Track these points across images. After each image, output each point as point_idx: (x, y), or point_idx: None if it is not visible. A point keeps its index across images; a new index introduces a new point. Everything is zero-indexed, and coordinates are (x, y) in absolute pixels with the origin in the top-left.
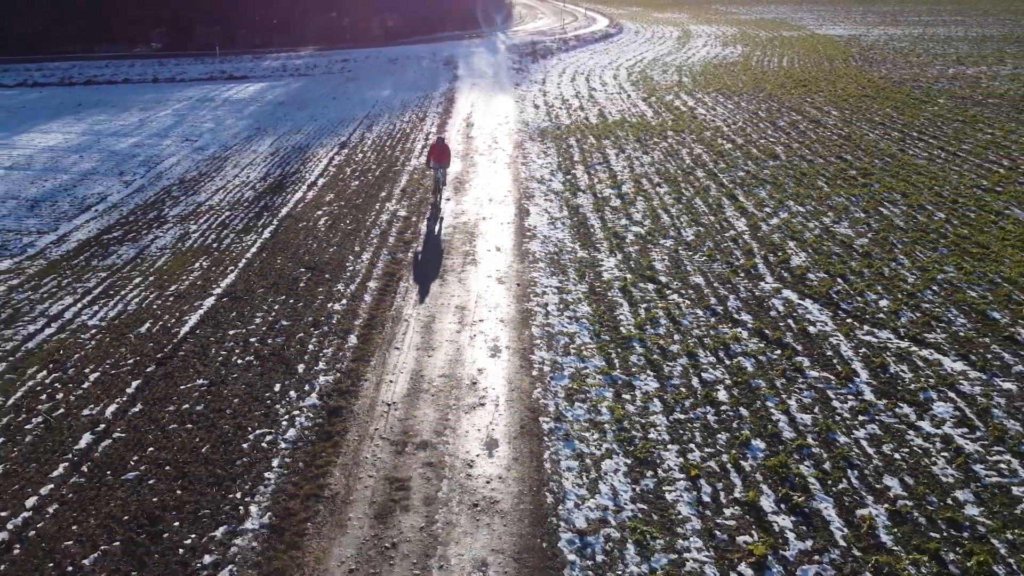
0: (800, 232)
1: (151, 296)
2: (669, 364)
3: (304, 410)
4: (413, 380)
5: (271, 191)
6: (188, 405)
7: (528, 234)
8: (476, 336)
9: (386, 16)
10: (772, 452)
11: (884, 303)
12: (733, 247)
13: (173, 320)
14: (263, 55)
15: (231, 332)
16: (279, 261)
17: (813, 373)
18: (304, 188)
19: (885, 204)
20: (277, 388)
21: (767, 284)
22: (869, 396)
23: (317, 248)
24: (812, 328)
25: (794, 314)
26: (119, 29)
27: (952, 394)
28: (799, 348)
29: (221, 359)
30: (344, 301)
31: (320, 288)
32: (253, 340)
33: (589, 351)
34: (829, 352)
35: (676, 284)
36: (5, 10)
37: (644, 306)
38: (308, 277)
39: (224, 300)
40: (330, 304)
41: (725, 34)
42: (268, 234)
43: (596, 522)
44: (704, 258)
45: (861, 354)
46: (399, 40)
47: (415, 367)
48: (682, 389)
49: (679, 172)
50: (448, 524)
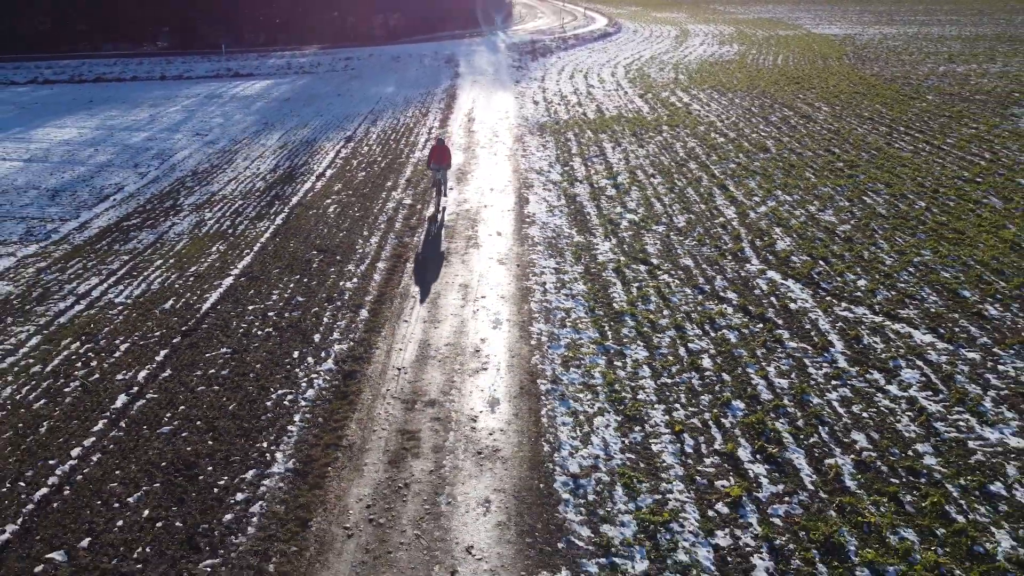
0: (786, 219)
1: (172, 276)
2: (658, 336)
3: (321, 374)
4: (421, 348)
5: (281, 181)
6: (214, 370)
7: (527, 220)
8: (479, 311)
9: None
10: (750, 411)
11: (862, 283)
12: (722, 233)
13: (195, 297)
14: (268, 53)
15: (250, 307)
16: (292, 245)
17: (792, 344)
18: (313, 179)
19: (869, 193)
20: (295, 355)
21: (752, 266)
22: (843, 364)
23: (328, 233)
24: (793, 305)
25: (777, 292)
26: (122, 29)
27: (920, 362)
28: (780, 322)
29: (242, 331)
30: (355, 280)
31: (332, 268)
32: (271, 314)
33: (584, 324)
34: (808, 326)
35: (667, 266)
36: (7, 10)
37: (636, 285)
38: (320, 259)
39: (242, 280)
40: (342, 282)
41: (722, 33)
42: (280, 220)
43: (588, 468)
44: (694, 243)
45: (837, 327)
46: (401, 39)
47: (423, 337)
48: (669, 357)
49: (673, 164)
50: (455, 468)
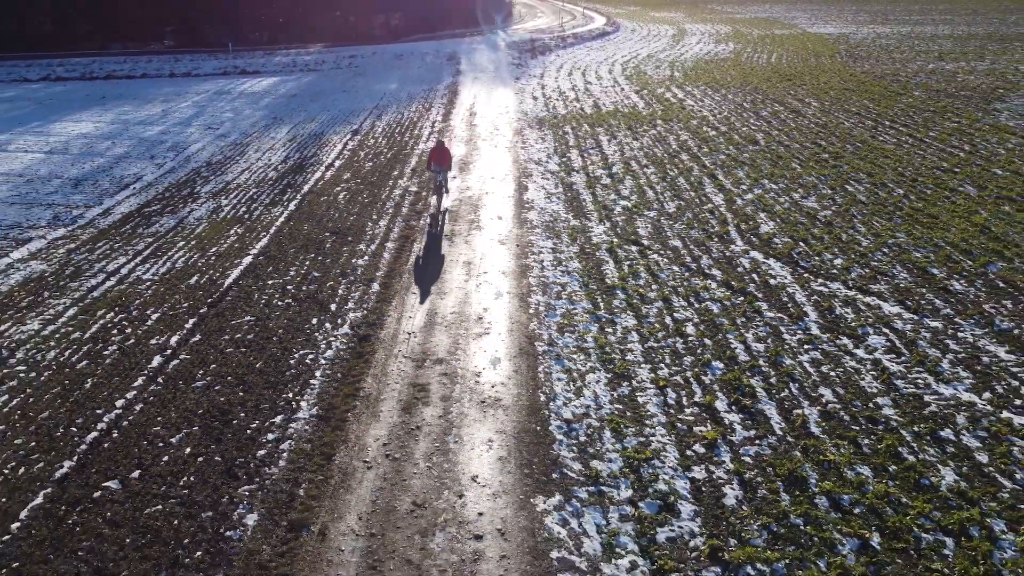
0: (771, 205)
1: (195, 256)
2: (646, 307)
3: (338, 337)
4: (429, 316)
5: (292, 171)
6: (240, 335)
7: (527, 206)
8: (481, 284)
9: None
10: (728, 370)
11: (838, 261)
12: (710, 217)
13: (217, 274)
14: (274, 51)
15: (270, 282)
16: (306, 228)
17: (769, 314)
18: (322, 169)
19: (851, 182)
20: (314, 321)
21: (737, 247)
22: (815, 331)
23: (339, 217)
24: (773, 280)
25: (758, 270)
26: (122, 28)
27: (886, 330)
28: (759, 295)
29: (264, 302)
30: (366, 258)
31: (344, 248)
32: (290, 287)
33: (578, 296)
34: (785, 299)
35: (657, 247)
36: (9, 10)
37: (627, 263)
38: (333, 240)
39: (260, 258)
40: (354, 260)
41: (719, 32)
42: (293, 206)
43: (580, 415)
44: (683, 226)
45: (813, 300)
46: (403, 38)
47: (430, 307)
48: (656, 325)
49: (665, 155)
50: (461, 414)
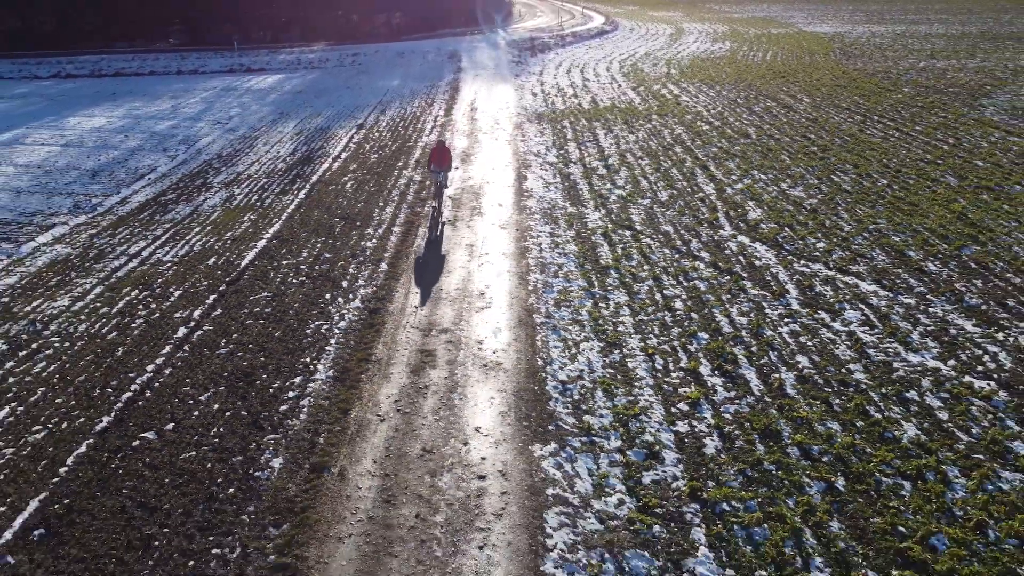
0: (759, 194)
1: (211, 240)
2: (638, 284)
3: (350, 310)
4: (434, 292)
5: (300, 163)
6: (258, 309)
7: (526, 194)
8: (483, 264)
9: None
10: (712, 340)
11: (821, 245)
12: (700, 205)
13: (234, 256)
14: (278, 50)
15: (284, 263)
16: (316, 214)
17: (753, 291)
18: (329, 160)
19: (837, 173)
20: (327, 296)
21: (725, 232)
22: (795, 306)
23: (347, 204)
24: (758, 262)
25: (744, 252)
26: (123, 28)
27: (862, 306)
28: (744, 275)
29: (279, 280)
30: (374, 240)
31: (353, 232)
32: (303, 267)
33: (574, 275)
34: (768, 278)
35: (649, 231)
36: (10, 8)
37: (621, 246)
38: (342, 225)
39: (274, 242)
40: (363, 242)
41: (716, 31)
42: (303, 195)
43: (574, 377)
44: (675, 213)
45: (795, 279)
46: (404, 36)
47: (435, 284)
48: (646, 301)
49: (660, 148)
50: (465, 376)
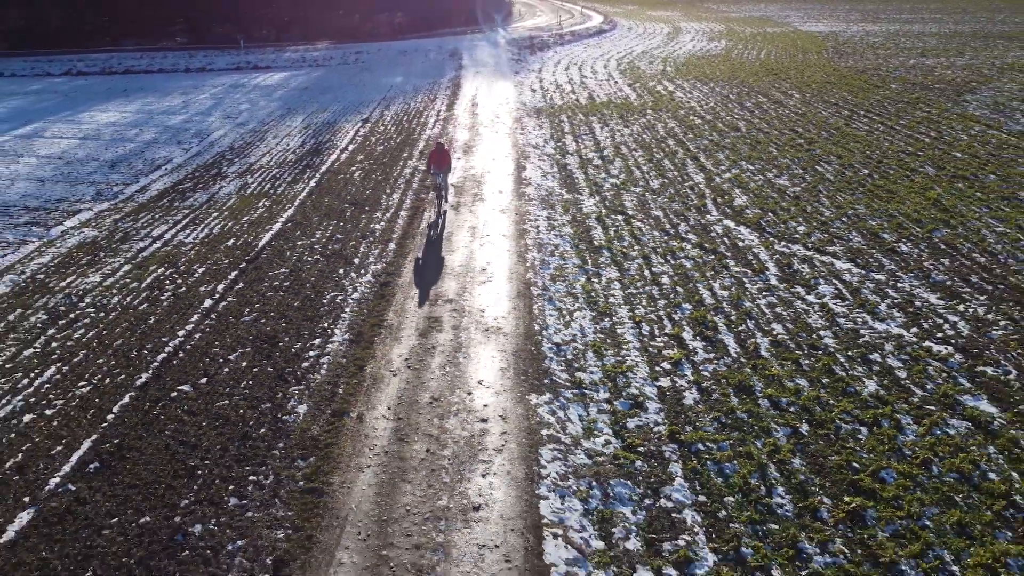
0: (746, 183)
1: (229, 224)
2: (628, 262)
3: (363, 283)
4: (440, 268)
5: (310, 154)
6: (277, 282)
7: (524, 182)
8: (484, 244)
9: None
10: (695, 310)
11: (801, 228)
12: (689, 193)
13: (251, 237)
14: (283, 48)
15: (299, 243)
16: (327, 200)
17: (735, 269)
18: (337, 152)
19: (821, 163)
20: (341, 272)
21: (712, 216)
22: (774, 282)
23: (356, 191)
24: (741, 243)
25: (729, 235)
26: (122, 28)
27: (836, 281)
28: (728, 255)
29: (295, 257)
30: (382, 223)
31: (363, 216)
32: (317, 246)
33: (569, 254)
34: (750, 257)
35: (640, 216)
36: (16, 6)
37: (613, 229)
38: (352, 210)
39: (288, 225)
40: (372, 225)
41: (712, 30)
42: (314, 183)
43: (568, 340)
44: (665, 200)
45: (775, 258)
46: (406, 35)
47: (441, 261)
48: (636, 276)
49: (653, 141)
50: (469, 339)
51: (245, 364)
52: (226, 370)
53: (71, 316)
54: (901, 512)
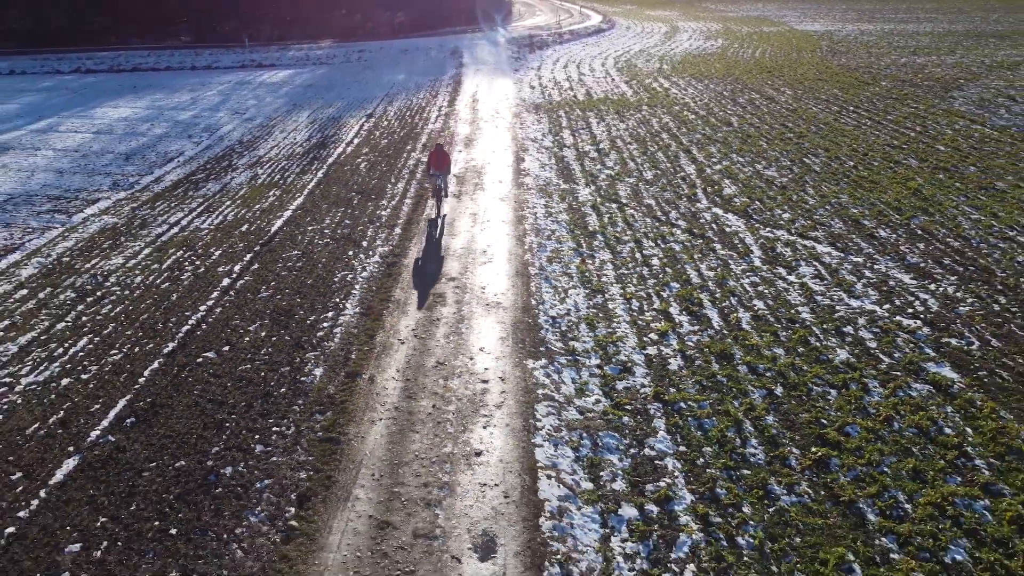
0: (736, 174)
1: (242, 211)
2: (620, 246)
3: (371, 264)
4: (443, 250)
5: (316, 147)
6: (291, 263)
7: (523, 173)
8: (485, 229)
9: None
10: (683, 288)
11: (786, 216)
12: (681, 183)
13: (264, 223)
14: (287, 47)
15: (309, 228)
16: (334, 189)
17: (721, 251)
18: (343, 145)
19: (809, 156)
20: (350, 253)
21: (701, 204)
22: (757, 263)
23: (362, 181)
24: (728, 229)
25: (717, 221)
26: (125, 26)
27: (816, 263)
28: (715, 239)
29: (307, 241)
30: (388, 210)
31: (369, 203)
32: (327, 231)
33: (565, 238)
34: (736, 241)
35: (633, 204)
36: (22, 6)
37: (607, 216)
38: (359, 198)
39: (298, 212)
40: (378, 212)
41: (709, 30)
42: (321, 174)
43: (563, 314)
44: (657, 189)
45: (759, 243)
46: (407, 34)
47: (444, 245)
48: (627, 258)
49: (648, 135)
50: (471, 312)
51: (264, 334)
52: (247, 339)
53: (98, 294)
54: (862, 460)
